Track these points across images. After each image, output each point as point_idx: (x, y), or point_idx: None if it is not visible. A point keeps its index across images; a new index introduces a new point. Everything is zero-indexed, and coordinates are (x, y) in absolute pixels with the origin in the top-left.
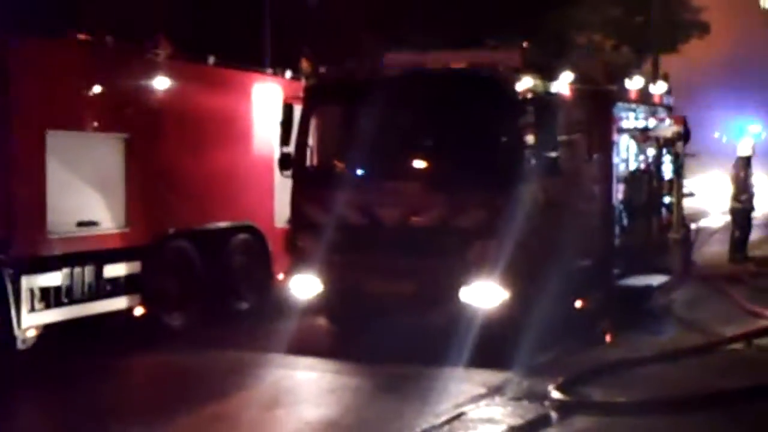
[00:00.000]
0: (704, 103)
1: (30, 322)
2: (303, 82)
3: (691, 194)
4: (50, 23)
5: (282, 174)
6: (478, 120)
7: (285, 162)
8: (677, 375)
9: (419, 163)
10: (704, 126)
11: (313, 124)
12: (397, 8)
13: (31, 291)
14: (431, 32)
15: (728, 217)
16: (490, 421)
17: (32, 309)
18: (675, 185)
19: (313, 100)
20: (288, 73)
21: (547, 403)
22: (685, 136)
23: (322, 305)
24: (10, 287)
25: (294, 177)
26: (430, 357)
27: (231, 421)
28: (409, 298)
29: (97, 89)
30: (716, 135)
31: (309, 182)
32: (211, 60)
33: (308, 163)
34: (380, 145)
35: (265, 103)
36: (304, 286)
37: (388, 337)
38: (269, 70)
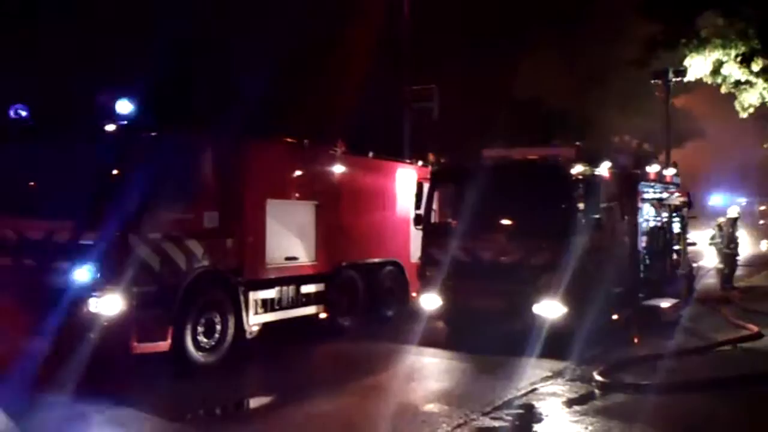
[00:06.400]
0: (703, 181)
1: (254, 321)
2: (430, 168)
3: (693, 243)
4: (269, 130)
5: (415, 227)
6: (547, 193)
7: (417, 220)
8: (684, 366)
9: (507, 222)
10: (703, 197)
11: (436, 195)
12: (490, 119)
13: (256, 301)
14: (515, 134)
15: (719, 259)
16: (554, 395)
17: (256, 313)
18: (681, 237)
19: (436, 180)
20: (420, 162)
21: (593, 383)
22: (688, 204)
23: (442, 314)
24: (242, 298)
25: (423, 229)
26: (514, 350)
27: (382, 388)
28: (499, 311)
29: (298, 173)
30: (711, 203)
31: (433, 233)
32: (370, 154)
33: (432, 220)
34: (480, 210)
35: (405, 182)
36: (430, 301)
37: (486, 336)
38: (407, 160)
